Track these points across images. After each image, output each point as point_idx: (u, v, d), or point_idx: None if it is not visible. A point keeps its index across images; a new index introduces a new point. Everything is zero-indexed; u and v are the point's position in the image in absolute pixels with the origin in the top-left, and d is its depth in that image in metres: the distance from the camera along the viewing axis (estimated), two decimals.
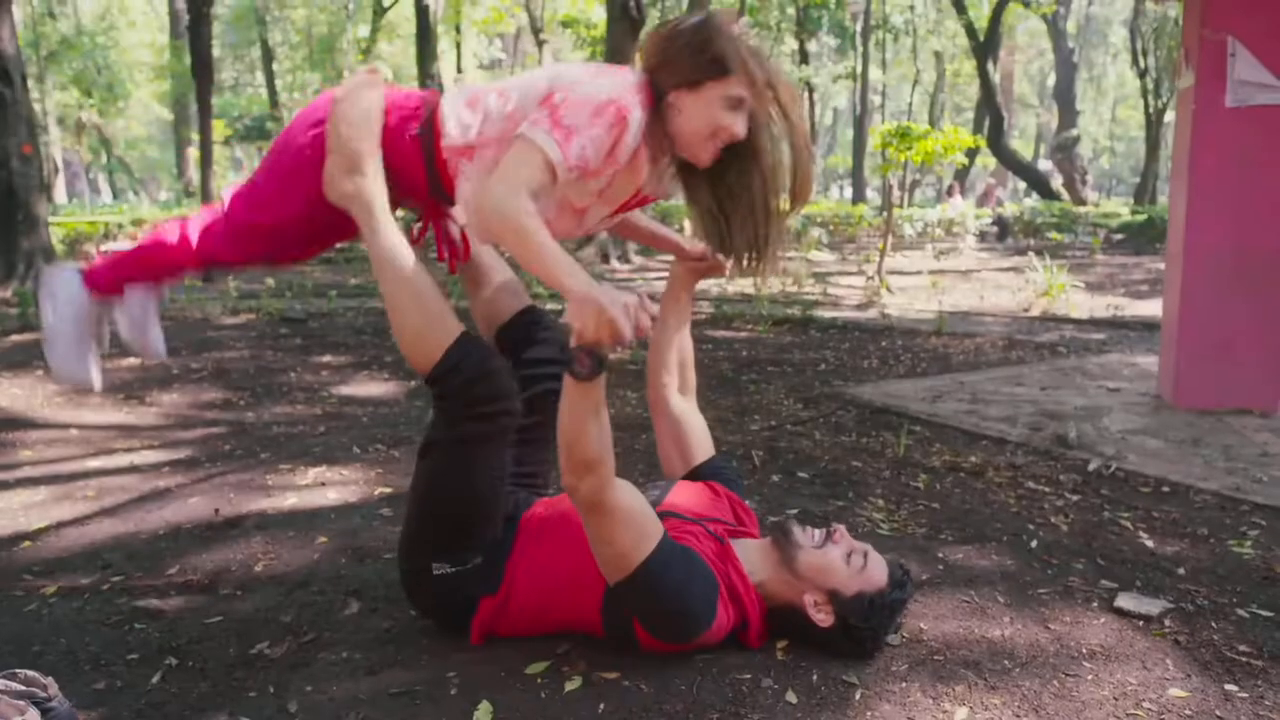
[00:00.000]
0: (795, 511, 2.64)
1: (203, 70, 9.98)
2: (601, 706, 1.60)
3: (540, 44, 25.94)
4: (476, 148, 1.79)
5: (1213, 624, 1.97)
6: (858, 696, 1.64)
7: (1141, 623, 1.97)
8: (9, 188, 8.67)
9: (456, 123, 1.80)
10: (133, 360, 5.12)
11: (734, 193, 1.79)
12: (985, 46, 19.61)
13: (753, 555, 1.83)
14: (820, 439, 3.63)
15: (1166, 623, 1.97)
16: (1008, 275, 10.95)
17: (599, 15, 20.97)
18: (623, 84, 1.69)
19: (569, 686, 1.68)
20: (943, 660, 1.78)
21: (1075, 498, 2.92)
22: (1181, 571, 2.28)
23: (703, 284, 10.26)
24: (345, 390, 4.67)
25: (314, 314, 7.36)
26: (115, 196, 31.97)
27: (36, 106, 24.98)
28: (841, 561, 1.76)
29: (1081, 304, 8.04)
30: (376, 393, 4.58)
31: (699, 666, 1.73)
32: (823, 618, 1.75)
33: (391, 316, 1.79)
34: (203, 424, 3.95)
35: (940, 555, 2.33)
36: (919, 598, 2.05)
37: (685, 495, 1.98)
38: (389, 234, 1.78)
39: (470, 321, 2.00)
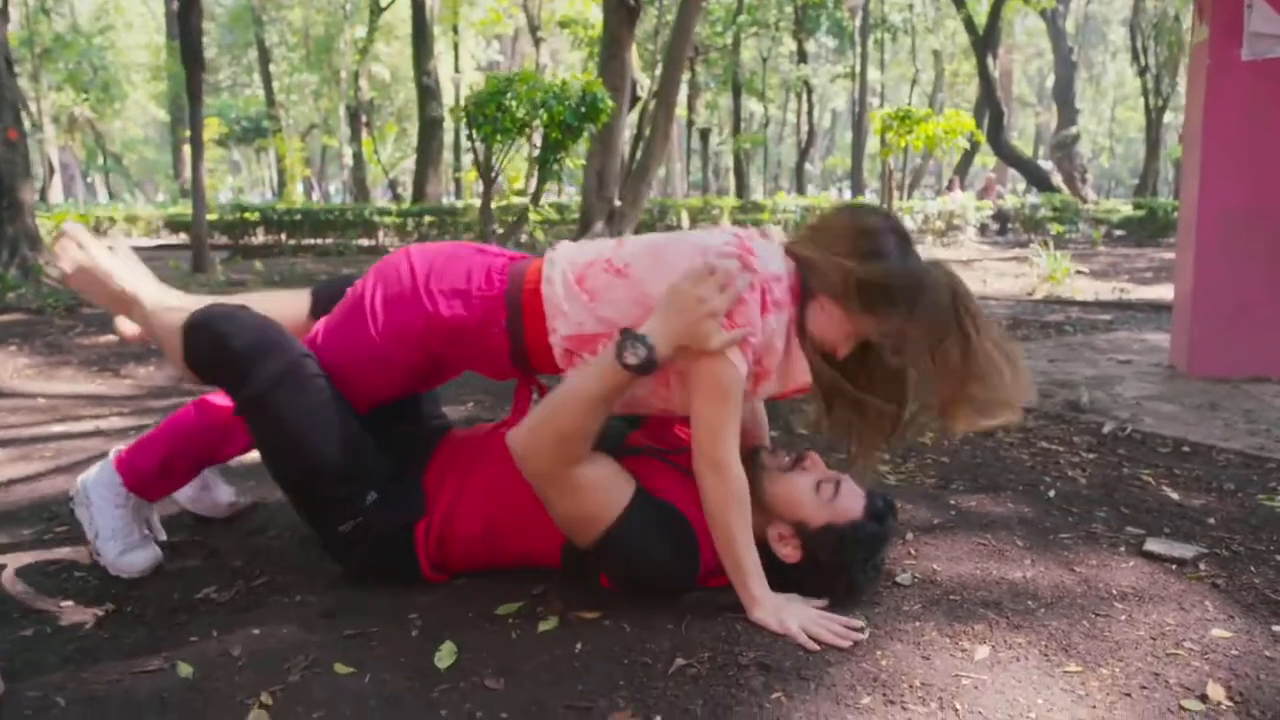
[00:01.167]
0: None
1: (193, 60, 9.76)
2: (579, 646, 1.43)
3: (538, 44, 25.83)
4: (601, 339, 1.55)
5: (1252, 568, 1.80)
6: (867, 636, 1.47)
7: (1175, 566, 1.80)
8: None
9: (566, 311, 1.56)
10: (110, 337, 4.95)
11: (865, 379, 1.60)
12: (985, 41, 19.48)
13: None
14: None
15: (1202, 566, 1.80)
16: (1009, 264, 10.78)
17: (597, 15, 20.83)
18: (763, 263, 1.50)
19: (543, 627, 1.51)
20: (959, 600, 1.61)
21: (1091, 456, 2.75)
22: (1212, 521, 2.11)
23: None
24: None
25: None
26: (111, 198, 31.79)
27: (31, 105, 24.91)
28: (809, 490, 1.58)
29: (1086, 289, 7.87)
30: None
31: (689, 604, 1.56)
32: (788, 552, 1.58)
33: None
34: (176, 394, 3.78)
35: (952, 502, 2.16)
36: (929, 539, 1.88)
37: (662, 428, 1.81)
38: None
39: None
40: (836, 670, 1.36)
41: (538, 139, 6.24)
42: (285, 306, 1.85)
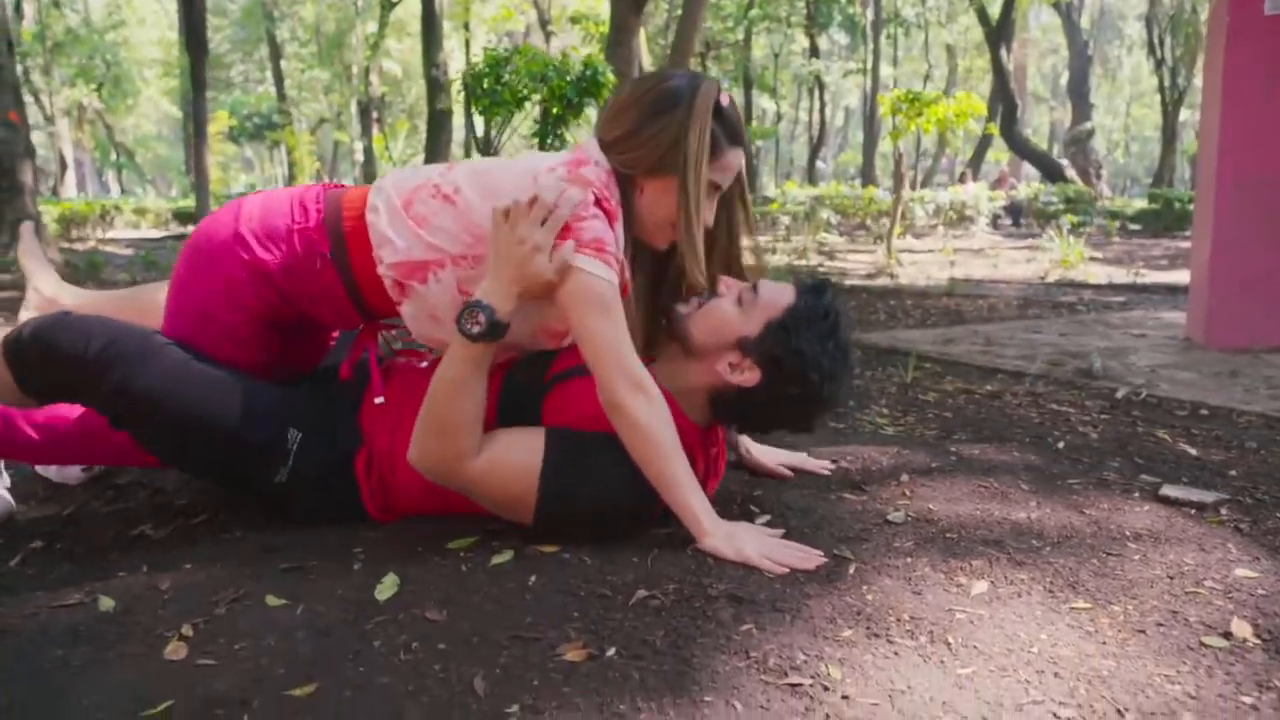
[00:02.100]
0: None
1: (197, 46, 9.73)
2: (533, 579, 1.30)
3: (549, 39, 25.79)
4: (431, 267, 1.47)
5: (1278, 514, 1.65)
6: (852, 570, 1.33)
7: (1194, 510, 1.65)
8: None
9: (393, 239, 1.47)
10: None
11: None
12: (998, 32, 19.27)
13: (663, 371, 1.52)
14: None
15: (1223, 511, 1.66)
16: (1022, 253, 10.60)
17: (608, 11, 20.72)
18: (594, 174, 1.43)
19: (496, 560, 1.37)
20: (956, 538, 1.46)
21: (1104, 416, 2.60)
22: (1234, 473, 1.96)
23: None
24: None
25: None
26: (124, 193, 31.87)
27: (44, 99, 25.00)
28: (733, 307, 1.48)
29: (1099, 274, 7.69)
30: None
31: (659, 538, 1.42)
32: (746, 376, 1.44)
33: None
34: None
35: (953, 450, 2.01)
36: (926, 481, 1.74)
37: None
38: None
39: None
40: (816, 603, 1.22)
41: (539, 115, 6.11)
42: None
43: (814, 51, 25.12)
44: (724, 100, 1.45)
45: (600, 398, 1.37)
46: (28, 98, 25.10)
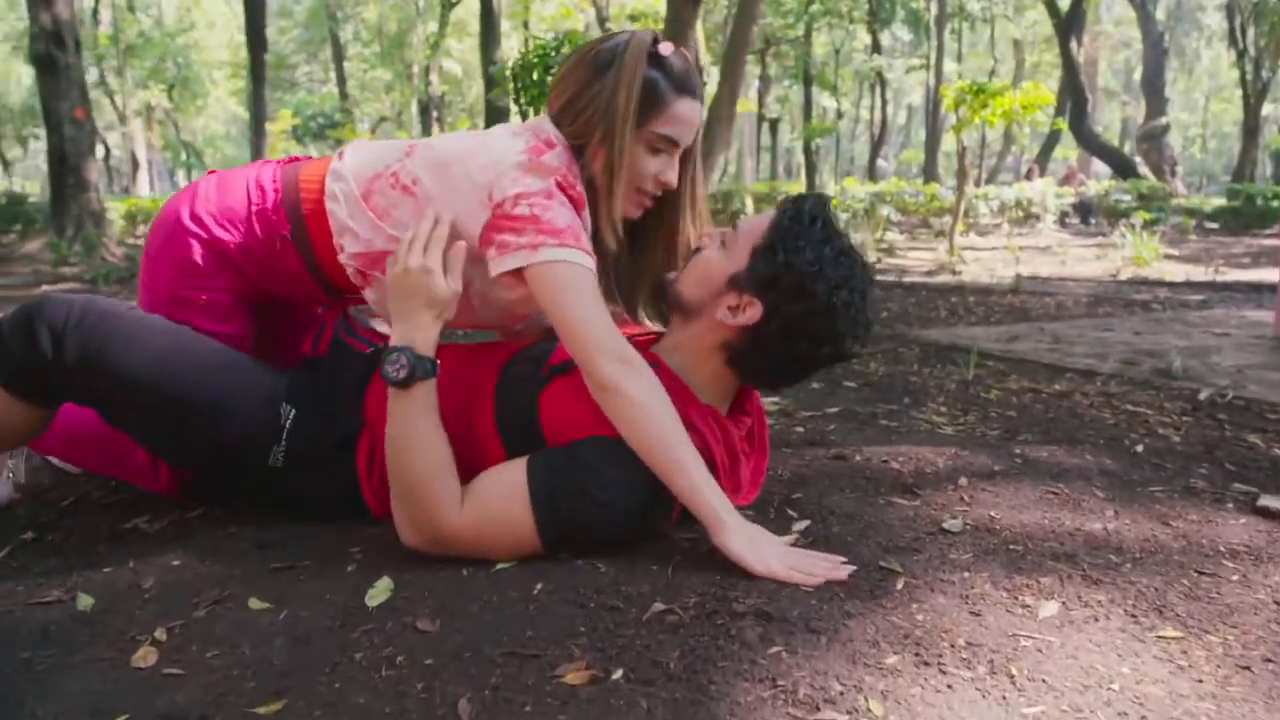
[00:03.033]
0: (837, 409, 2.17)
1: (256, 40, 9.85)
2: (539, 587, 1.16)
3: None
4: (390, 256, 1.37)
5: None
6: (900, 586, 1.17)
7: None
8: (61, 151, 8.65)
9: (354, 229, 1.38)
10: None
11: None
12: (1068, 23, 18.65)
13: (670, 351, 1.39)
14: (875, 366, 3.14)
15: None
16: (1091, 250, 10.19)
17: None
18: (556, 160, 1.32)
19: (501, 565, 1.24)
20: (1022, 551, 1.29)
21: (1186, 419, 2.38)
22: None
23: None
24: None
25: None
26: None
27: (118, 101, 25.73)
28: (717, 253, 1.35)
29: (1176, 272, 7.32)
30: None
31: (681, 545, 1.28)
32: (750, 312, 1.30)
33: None
34: None
35: (1018, 452, 1.82)
36: (987, 486, 1.56)
37: None
38: None
39: None
40: (857, 623, 1.06)
41: None
42: None
43: (876, 48, 24.65)
44: (664, 49, 1.33)
45: (588, 385, 1.23)
46: (103, 99, 25.98)
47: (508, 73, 5.58)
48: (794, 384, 1.42)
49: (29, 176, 37.44)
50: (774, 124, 27.36)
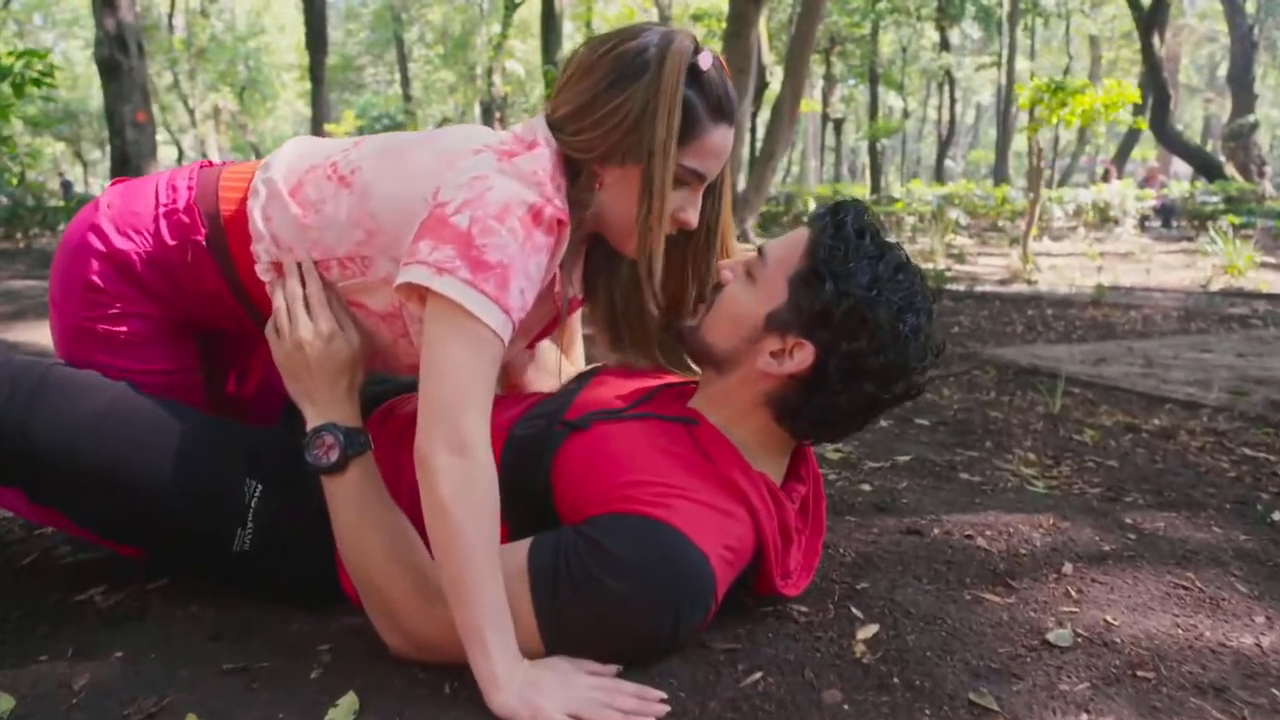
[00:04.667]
0: (908, 457, 1.89)
1: (317, 42, 9.89)
2: None
3: None
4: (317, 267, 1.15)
5: None
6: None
7: None
8: (123, 154, 8.74)
9: (271, 231, 1.14)
10: None
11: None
12: (1151, 18, 17.85)
13: (709, 410, 1.14)
14: (949, 395, 2.84)
15: None
16: (1175, 257, 9.63)
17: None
18: (535, 164, 1.04)
19: None
20: (1154, 681, 1.01)
21: None
22: None
23: None
24: None
25: None
26: None
27: (190, 103, 26.35)
28: (744, 287, 1.12)
29: (1274, 282, 6.81)
30: None
31: (715, 655, 1.03)
32: (797, 359, 1.06)
33: None
34: None
35: (1128, 521, 1.53)
36: (1097, 574, 1.28)
37: (606, 385, 1.26)
38: None
39: None
40: None
41: None
42: None
43: (944, 45, 23.99)
44: (704, 62, 1.06)
45: (415, 445, 0.98)
46: (175, 102, 26.66)
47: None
48: (858, 432, 1.16)
49: (109, 179, 38.68)
50: (838, 124, 26.83)
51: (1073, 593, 1.22)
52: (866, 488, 1.67)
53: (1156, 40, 18.24)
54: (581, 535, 1.01)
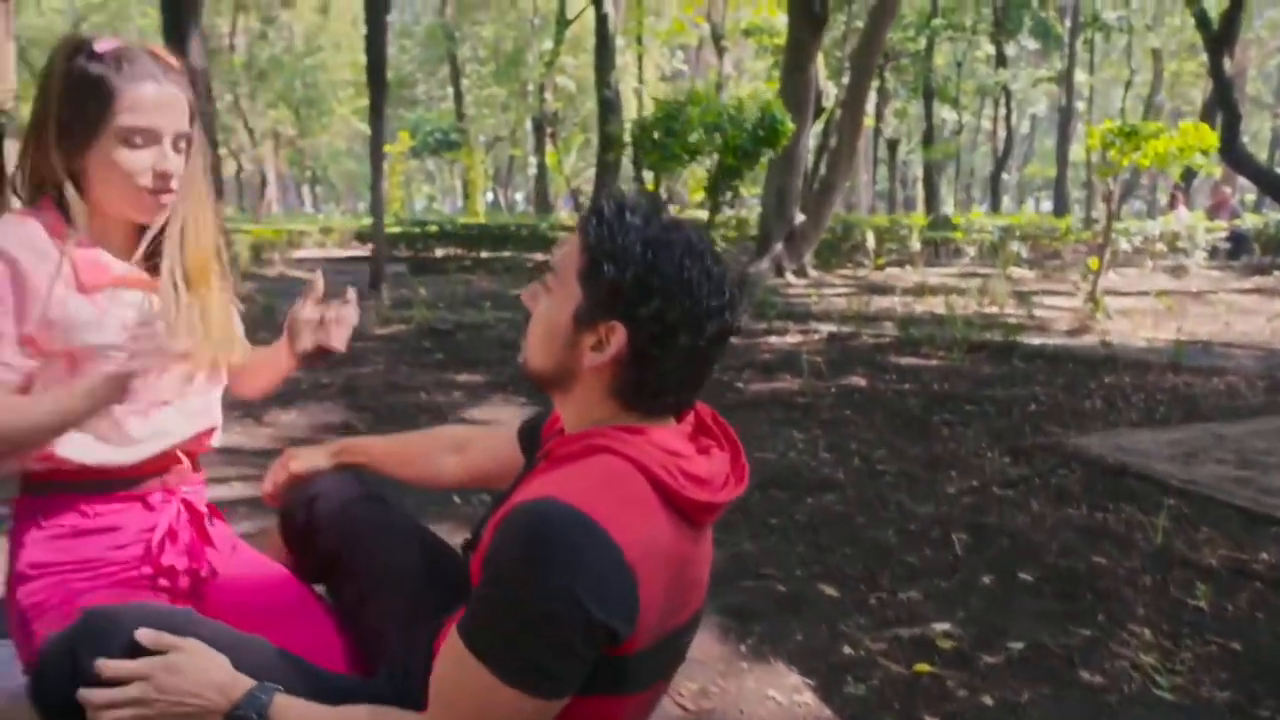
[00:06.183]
0: (1021, 645, 1.83)
1: (377, 76, 10.01)
2: None
3: (721, 54, 25.61)
4: None
5: None
6: None
7: None
8: None
9: None
10: None
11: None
12: (1221, 36, 17.40)
13: (572, 424, 1.16)
14: (1040, 511, 2.78)
15: None
16: (1250, 298, 9.37)
17: (783, 22, 20.07)
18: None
19: None
20: None
21: None
22: None
23: (886, 302, 9.05)
24: (474, 413, 4.20)
25: (464, 325, 7.03)
26: (317, 208, 33.98)
27: (250, 123, 26.96)
28: (545, 303, 1.14)
29: None
30: (505, 418, 4.07)
31: None
32: (614, 343, 1.07)
33: None
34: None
35: None
36: None
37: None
38: None
39: None
40: None
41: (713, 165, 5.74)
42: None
43: (1001, 60, 23.66)
44: (99, 46, 1.25)
45: None
46: (236, 121, 27.28)
47: (626, 137, 5.42)
48: (700, 387, 1.14)
49: None
50: (892, 145, 26.55)
51: None
52: (988, 701, 1.63)
53: (1226, 60, 17.75)
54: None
